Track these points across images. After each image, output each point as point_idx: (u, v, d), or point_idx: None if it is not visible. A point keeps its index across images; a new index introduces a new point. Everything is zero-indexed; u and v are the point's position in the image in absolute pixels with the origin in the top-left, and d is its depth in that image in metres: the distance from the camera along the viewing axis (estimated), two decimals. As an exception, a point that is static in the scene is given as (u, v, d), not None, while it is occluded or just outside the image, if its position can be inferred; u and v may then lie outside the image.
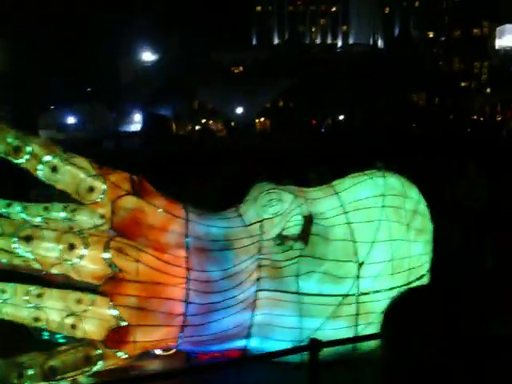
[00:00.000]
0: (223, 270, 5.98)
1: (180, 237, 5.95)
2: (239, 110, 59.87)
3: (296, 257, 5.98)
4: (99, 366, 5.78)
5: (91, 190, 5.79)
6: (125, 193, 5.86)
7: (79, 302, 5.68)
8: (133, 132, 56.52)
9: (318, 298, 5.93)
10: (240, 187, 6.77)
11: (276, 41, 75.85)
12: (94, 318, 5.67)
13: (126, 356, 5.89)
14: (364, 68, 57.71)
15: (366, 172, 6.47)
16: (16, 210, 6.40)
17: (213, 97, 61.58)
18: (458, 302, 2.12)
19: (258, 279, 6.04)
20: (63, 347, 5.85)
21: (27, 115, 54.66)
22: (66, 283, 5.94)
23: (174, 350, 6.29)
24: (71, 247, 5.57)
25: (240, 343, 6.16)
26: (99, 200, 5.83)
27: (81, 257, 5.57)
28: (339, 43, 74.79)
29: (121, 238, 5.70)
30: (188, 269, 5.84)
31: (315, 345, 4.06)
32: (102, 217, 5.93)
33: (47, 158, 5.78)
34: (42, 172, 5.79)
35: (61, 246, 5.54)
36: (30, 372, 5.61)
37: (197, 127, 66.90)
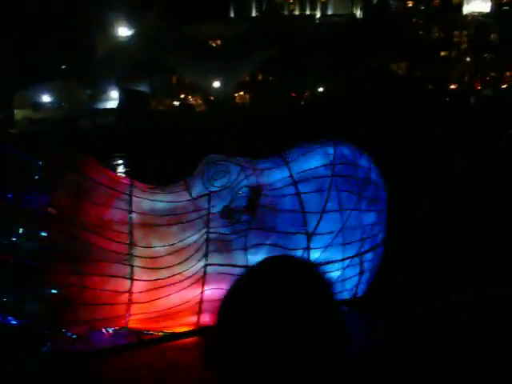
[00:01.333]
0: (169, 246, 5.80)
1: (123, 213, 5.76)
2: (217, 85, 59.26)
3: (244, 230, 5.81)
4: (48, 346, 5.65)
5: (30, 168, 5.59)
6: (64, 169, 5.64)
7: (22, 283, 5.49)
8: (109, 109, 55.76)
9: (267, 271, 5.77)
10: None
11: (254, 13, 74.78)
12: (37, 298, 5.48)
13: (75, 336, 5.76)
14: (343, 39, 57.24)
15: (316, 141, 6.29)
16: None
17: (190, 71, 60.84)
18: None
19: (205, 254, 5.87)
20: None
21: (1, 95, 53.65)
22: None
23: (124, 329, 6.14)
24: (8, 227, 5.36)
25: (191, 319, 6.01)
26: (37, 177, 5.61)
27: (18, 236, 5.36)
28: (318, 14, 73.92)
29: (59, 216, 5.48)
30: (131, 245, 5.66)
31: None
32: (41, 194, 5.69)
33: None
34: None
35: None
36: None
37: (176, 103, 66.08)
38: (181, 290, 5.82)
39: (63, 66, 58.34)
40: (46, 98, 57.92)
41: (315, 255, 5.82)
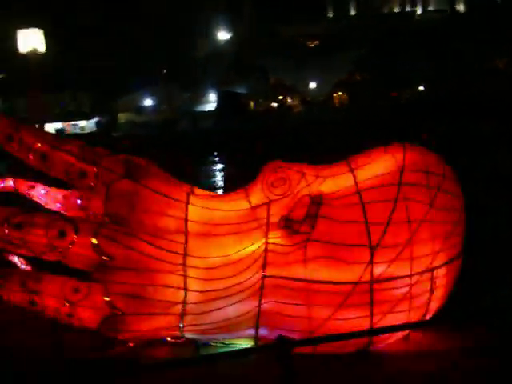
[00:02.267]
0: (225, 256, 5.58)
1: (179, 221, 5.61)
2: (313, 85, 58.86)
3: (302, 241, 5.47)
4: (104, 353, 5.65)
5: (83, 175, 5.59)
6: (118, 177, 5.59)
7: (77, 290, 5.50)
8: (208, 111, 57.03)
9: (327, 285, 5.41)
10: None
11: (352, 12, 73.52)
12: (90, 307, 5.46)
13: (132, 343, 5.72)
14: (443, 36, 54.92)
15: (385, 147, 5.83)
16: None
17: (287, 72, 60.82)
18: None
19: (263, 265, 5.59)
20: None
21: (106, 100, 56.51)
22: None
23: (184, 339, 5.99)
24: (61, 234, 5.37)
25: (248, 333, 5.75)
26: (92, 184, 5.61)
27: (71, 243, 5.36)
28: (419, 11, 71.33)
29: (112, 224, 5.43)
30: (186, 255, 5.49)
31: (283, 344, 3.59)
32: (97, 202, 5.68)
33: (36, 145, 5.65)
34: (33, 160, 5.68)
35: (51, 233, 5.36)
36: None
37: (274, 104, 66.37)
38: (237, 303, 5.58)
39: (165, 71, 60.43)
40: (148, 102, 60.25)
41: (379, 270, 5.37)
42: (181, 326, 5.57)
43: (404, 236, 5.41)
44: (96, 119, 58.43)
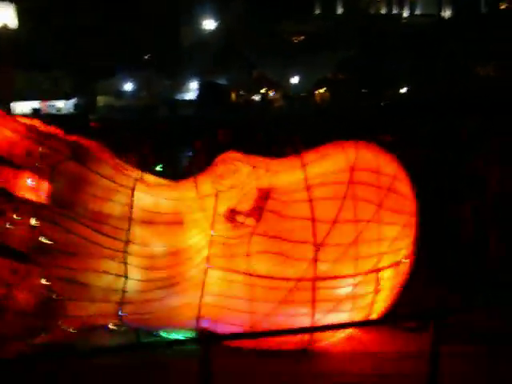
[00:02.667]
0: (169, 246, 5.47)
1: (124, 207, 5.48)
2: (296, 80, 58.77)
3: (246, 234, 5.38)
4: (42, 337, 5.48)
5: (28, 154, 5.41)
6: (64, 158, 5.42)
7: (15, 272, 5.33)
8: (188, 100, 56.53)
9: (270, 280, 5.33)
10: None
11: (340, 11, 73.44)
12: (27, 289, 5.30)
13: (71, 329, 5.56)
14: (431, 39, 55.15)
15: (337, 143, 5.77)
16: None
17: (271, 66, 60.57)
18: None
19: (208, 257, 5.49)
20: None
21: (87, 82, 55.69)
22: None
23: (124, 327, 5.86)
24: (1, 213, 5.20)
25: (190, 324, 5.64)
26: (37, 165, 5.43)
27: (9, 223, 5.19)
28: (405, 14, 71.50)
29: (53, 207, 5.27)
30: (127, 242, 5.37)
31: (205, 339, 3.49)
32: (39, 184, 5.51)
33: None
34: None
35: None
36: None
37: (256, 97, 66.07)
38: (178, 293, 5.48)
39: (146, 56, 59.74)
40: (128, 87, 59.54)
41: (322, 268, 5.30)
42: (120, 314, 5.43)
43: (350, 235, 5.35)
44: (74, 100, 57.62)
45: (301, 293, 5.32)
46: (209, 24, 66.89)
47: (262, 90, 67.05)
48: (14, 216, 5.19)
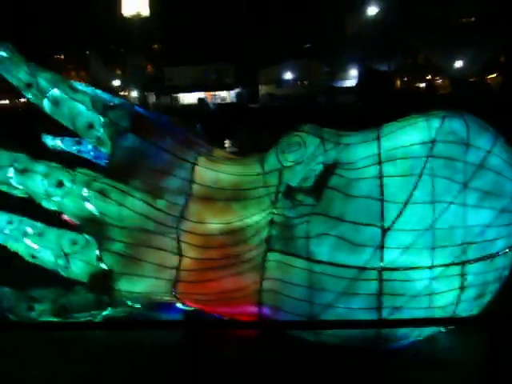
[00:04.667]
0: (226, 224, 5.07)
1: (183, 182, 5.19)
2: (462, 65, 54.88)
3: (307, 214, 4.79)
4: (109, 311, 5.46)
5: (90, 126, 5.36)
6: (124, 130, 5.27)
7: (74, 242, 5.33)
8: (348, 87, 55.49)
9: (331, 267, 4.69)
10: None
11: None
12: (82, 261, 5.26)
13: (137, 305, 5.46)
14: None
15: (427, 113, 4.91)
16: None
17: (436, 51, 57.19)
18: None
19: (268, 237, 5.00)
20: (77, 288, 5.61)
21: (248, 72, 57.27)
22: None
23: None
24: (59, 184, 5.19)
25: (250, 310, 5.21)
26: (99, 135, 5.35)
27: (65, 194, 5.16)
28: None
29: (108, 180, 5.14)
30: (182, 218, 5.07)
31: (192, 323, 3.02)
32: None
33: (51, 91, 5.49)
34: (46, 106, 5.53)
35: (47, 181, 5.20)
36: (41, 307, 5.51)
37: (422, 84, 62.97)
38: (234, 276, 5.06)
39: (307, 45, 59.79)
40: (288, 76, 60.12)
41: (390, 256, 4.53)
42: (173, 292, 5.17)
43: (426, 219, 4.52)
44: (237, 90, 59.63)
45: (365, 283, 4.62)
46: (371, 10, 65.03)
47: (428, 77, 63.63)
48: (70, 186, 5.15)
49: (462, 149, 4.58)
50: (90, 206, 5.10)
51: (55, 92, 5.50)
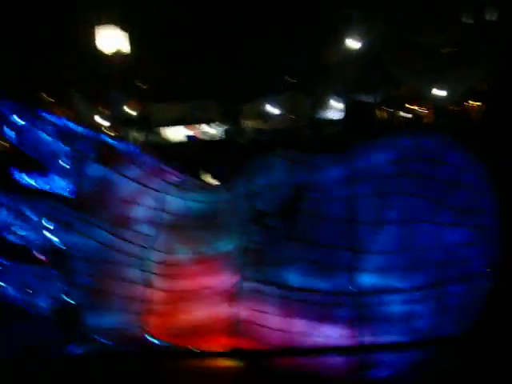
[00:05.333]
0: (197, 253, 4.90)
1: (153, 212, 5.03)
2: (442, 93, 55.64)
3: (278, 239, 4.64)
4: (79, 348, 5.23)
5: (54, 155, 5.22)
6: (90, 160, 5.13)
7: (40, 277, 5.12)
8: (333, 120, 56.06)
9: (305, 293, 4.52)
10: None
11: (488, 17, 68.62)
12: (47, 295, 5.05)
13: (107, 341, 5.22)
14: None
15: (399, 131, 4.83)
16: None
17: (419, 81, 58.08)
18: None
19: (240, 266, 4.83)
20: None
21: (231, 107, 57.62)
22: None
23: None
24: (22, 216, 5.02)
25: (224, 342, 5.00)
26: (64, 165, 5.20)
27: (29, 227, 4.99)
28: None
29: (73, 211, 4.98)
30: (152, 248, 4.90)
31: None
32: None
33: (14, 119, 5.34)
34: (8, 133, 5.37)
35: (10, 213, 5.03)
36: None
37: (406, 114, 63.73)
38: (209, 306, 4.87)
39: (288, 77, 60.32)
40: (274, 110, 60.50)
41: (366, 279, 4.38)
42: (144, 327, 4.95)
43: (402, 239, 4.38)
44: (224, 127, 59.80)
45: (340, 309, 4.44)
46: (352, 43, 66.14)
47: (412, 106, 64.47)
48: (33, 218, 4.98)
49: (435, 166, 4.48)
50: (54, 239, 4.92)
51: (18, 120, 5.35)
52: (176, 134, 56.38)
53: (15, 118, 5.35)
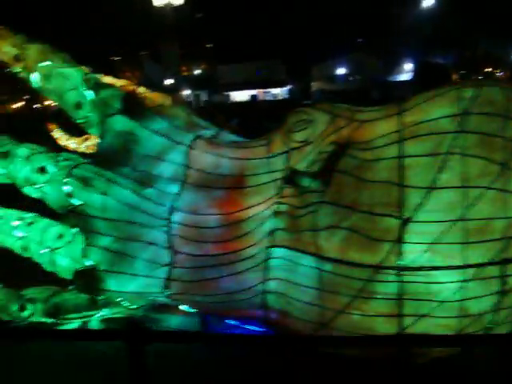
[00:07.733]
0: (224, 215, 4.41)
1: (176, 168, 4.57)
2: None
3: (314, 203, 4.06)
4: (105, 311, 4.91)
5: (78, 106, 4.81)
6: (114, 111, 4.69)
7: (60, 236, 4.79)
8: (402, 81, 53.73)
9: (342, 266, 3.95)
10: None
11: None
12: (68, 257, 4.71)
13: (133, 306, 4.88)
14: None
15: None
16: None
17: (493, 44, 54.72)
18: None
19: (272, 231, 4.30)
20: (70, 287, 5.07)
21: (300, 68, 56.42)
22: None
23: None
24: (41, 170, 4.67)
25: (256, 314, 4.53)
26: (88, 115, 4.80)
27: (47, 181, 4.63)
28: None
29: (92, 166, 4.57)
30: (173, 209, 4.44)
31: (135, 333, 2.37)
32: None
33: (41, 64, 4.98)
34: (35, 79, 5.02)
35: (29, 167, 4.69)
36: (32, 306, 5.01)
37: (479, 77, 60.48)
38: (235, 274, 4.39)
39: (359, 40, 58.41)
40: (340, 71, 58.93)
41: (412, 253, 3.75)
42: (166, 292, 4.54)
43: (455, 208, 3.71)
44: (289, 87, 58.88)
45: (382, 286, 3.85)
46: (427, 2, 62.94)
47: (487, 69, 60.95)
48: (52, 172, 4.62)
49: (501, 123, 3.75)
50: (71, 195, 4.54)
51: (44, 65, 4.99)
52: (240, 94, 56.12)
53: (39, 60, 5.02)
